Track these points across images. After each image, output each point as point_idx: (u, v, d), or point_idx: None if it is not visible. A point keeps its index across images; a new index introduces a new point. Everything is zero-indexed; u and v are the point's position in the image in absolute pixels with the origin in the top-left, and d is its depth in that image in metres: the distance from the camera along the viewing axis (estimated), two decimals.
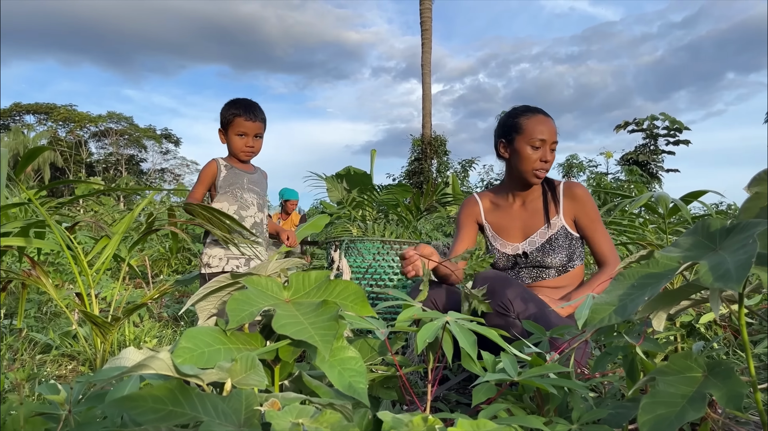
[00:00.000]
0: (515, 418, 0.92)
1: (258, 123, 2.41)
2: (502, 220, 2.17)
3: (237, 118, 2.38)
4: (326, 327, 0.81)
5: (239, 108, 2.39)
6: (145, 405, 0.62)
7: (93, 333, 1.54)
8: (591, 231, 2.06)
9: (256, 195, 2.45)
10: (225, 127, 2.43)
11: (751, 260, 0.75)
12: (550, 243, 2.04)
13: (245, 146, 2.41)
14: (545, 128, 2.05)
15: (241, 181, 2.42)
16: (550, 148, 2.06)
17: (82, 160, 35.46)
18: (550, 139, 2.05)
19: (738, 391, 0.76)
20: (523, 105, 2.13)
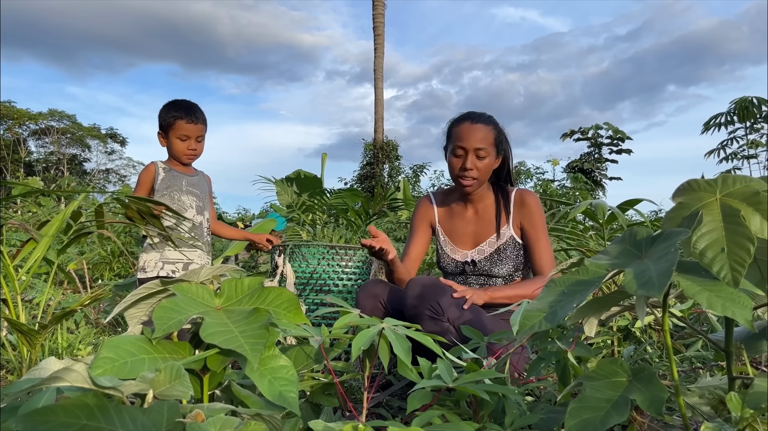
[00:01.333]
0: (448, 425, 0.92)
1: (200, 125, 2.36)
2: (454, 226, 2.16)
3: (178, 121, 2.32)
4: (256, 336, 0.79)
5: (180, 110, 2.33)
6: (57, 419, 0.59)
7: (19, 341, 1.47)
8: (533, 241, 2.04)
9: (195, 197, 2.40)
10: (165, 129, 2.37)
11: (672, 268, 0.78)
12: (498, 253, 2.05)
13: (187, 149, 2.36)
14: (467, 135, 2.00)
15: (179, 184, 2.37)
16: (476, 155, 1.99)
17: (20, 159, 33.97)
18: (471, 146, 1.98)
19: (659, 396, 0.79)
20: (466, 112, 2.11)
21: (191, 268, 2.31)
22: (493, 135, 2.02)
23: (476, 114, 2.07)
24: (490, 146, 2.00)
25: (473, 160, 1.99)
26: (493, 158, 2.03)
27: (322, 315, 2.23)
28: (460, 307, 1.77)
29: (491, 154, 2.00)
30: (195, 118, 2.34)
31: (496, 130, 2.04)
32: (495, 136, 2.02)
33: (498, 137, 2.03)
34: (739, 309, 0.77)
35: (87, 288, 3.98)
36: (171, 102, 2.40)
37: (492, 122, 2.05)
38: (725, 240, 0.84)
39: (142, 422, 0.63)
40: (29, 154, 35.56)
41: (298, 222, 6.38)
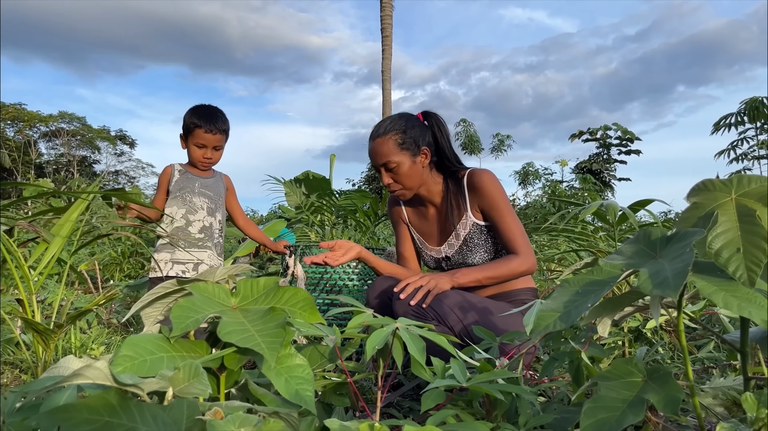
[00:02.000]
0: (462, 424, 0.93)
1: (218, 135, 2.39)
2: (422, 225, 2.15)
3: (197, 130, 2.35)
4: (273, 335, 0.80)
5: (201, 119, 2.35)
6: (80, 416, 0.60)
7: (34, 340, 1.48)
8: (496, 220, 1.94)
9: (207, 199, 2.43)
10: (185, 134, 2.41)
11: (687, 268, 0.78)
12: (466, 243, 2.01)
13: (203, 157, 2.40)
14: (371, 156, 2.00)
15: (192, 185, 2.41)
16: (387, 169, 1.97)
17: (31, 161, 34.24)
18: (378, 164, 1.98)
19: (675, 396, 0.79)
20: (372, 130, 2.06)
21: (201, 269, 2.35)
22: (393, 142, 1.95)
23: (377, 127, 2.01)
24: (396, 154, 1.94)
25: (387, 175, 1.98)
26: (408, 161, 1.96)
27: (333, 316, 2.24)
28: (464, 309, 1.77)
29: (401, 160, 1.95)
30: (214, 127, 2.37)
31: (397, 133, 1.96)
32: (397, 141, 1.95)
33: (403, 139, 1.95)
34: (755, 308, 0.77)
35: (99, 289, 4.01)
36: (195, 108, 2.42)
37: (391, 129, 1.97)
38: (741, 240, 0.84)
39: (163, 419, 0.64)
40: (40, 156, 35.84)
41: (307, 224, 6.39)
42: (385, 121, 2.00)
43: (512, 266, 1.87)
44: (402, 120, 1.99)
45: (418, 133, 1.97)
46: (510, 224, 1.92)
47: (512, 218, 1.94)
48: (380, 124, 2.00)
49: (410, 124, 1.98)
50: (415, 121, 2.00)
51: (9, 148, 32.72)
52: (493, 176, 1.97)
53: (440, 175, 2.06)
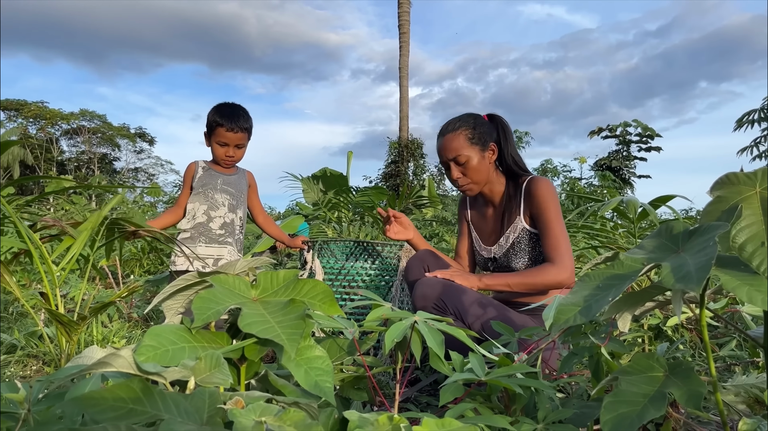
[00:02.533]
0: (481, 417, 0.93)
1: (239, 134, 2.41)
2: (480, 223, 2.20)
3: (219, 128, 2.37)
4: (293, 326, 0.81)
5: (223, 117, 2.38)
6: (105, 403, 0.61)
7: (58, 332, 1.51)
8: (541, 226, 1.96)
9: (228, 196, 2.46)
10: (209, 132, 2.43)
11: (711, 262, 0.77)
12: (513, 247, 2.04)
13: (225, 155, 2.42)
14: (440, 151, 2.05)
15: (214, 182, 2.44)
16: (457, 164, 2.01)
17: (53, 158, 34.76)
18: (447, 159, 2.03)
19: (697, 391, 0.78)
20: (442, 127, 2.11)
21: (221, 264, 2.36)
22: (464, 137, 2.00)
23: (446, 124, 2.07)
24: (466, 148, 1.99)
25: (456, 169, 2.02)
26: (477, 156, 2.01)
27: (351, 310, 2.25)
28: (483, 306, 1.78)
29: (471, 154, 1.99)
30: (236, 126, 2.39)
31: (467, 129, 2.01)
32: (467, 135, 2.01)
33: (472, 134, 2.01)
34: None
35: (119, 284, 4.06)
36: (218, 106, 2.45)
37: (461, 125, 2.02)
38: (766, 233, 0.83)
39: (185, 407, 0.65)
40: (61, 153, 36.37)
41: (325, 220, 6.41)
42: (455, 119, 2.06)
43: (545, 274, 1.87)
44: (471, 117, 2.05)
45: (486, 129, 2.03)
46: (555, 233, 1.93)
47: (559, 229, 1.95)
48: (450, 122, 2.06)
49: (479, 121, 2.04)
50: (483, 120, 2.06)
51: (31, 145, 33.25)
52: (549, 185, 2.00)
53: (503, 177, 2.10)
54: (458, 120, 2.05)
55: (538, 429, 0.97)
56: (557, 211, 1.97)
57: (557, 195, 2.02)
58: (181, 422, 0.62)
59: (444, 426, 0.76)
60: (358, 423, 0.77)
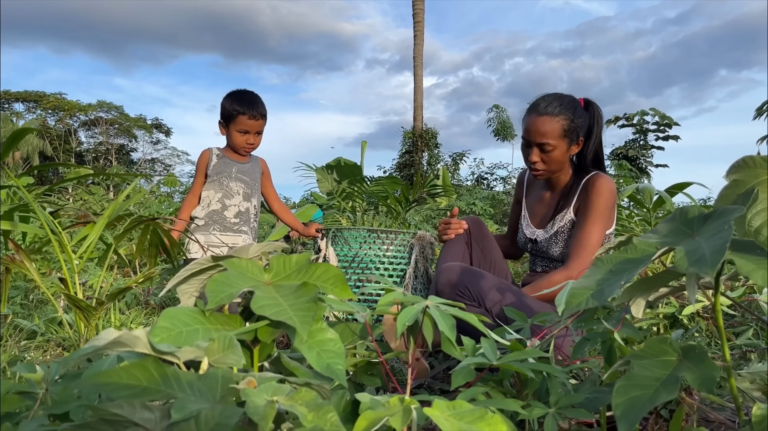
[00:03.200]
0: (492, 401, 0.93)
1: (260, 121, 2.41)
2: (533, 202, 2.19)
3: (240, 116, 2.37)
4: (305, 309, 0.81)
5: (242, 105, 2.37)
6: (120, 381, 0.62)
7: (77, 317, 1.54)
8: (578, 221, 1.95)
9: (243, 184, 2.46)
10: (226, 121, 2.42)
11: (725, 245, 0.76)
12: (556, 235, 2.04)
13: (246, 143, 2.42)
14: (530, 129, 1.93)
15: (229, 170, 2.44)
16: (541, 149, 1.92)
17: (71, 149, 35.16)
18: (534, 141, 1.93)
19: (710, 375, 0.77)
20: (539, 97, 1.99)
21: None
22: (560, 126, 1.90)
23: (546, 103, 1.93)
24: (557, 139, 1.90)
25: (537, 153, 1.94)
26: (564, 148, 1.93)
27: (365, 298, 2.26)
28: (502, 291, 1.77)
29: (559, 146, 1.92)
30: (257, 113, 2.39)
31: (566, 119, 1.91)
32: (564, 126, 1.90)
33: (569, 126, 1.91)
34: None
35: (136, 272, 4.11)
36: (235, 93, 2.43)
37: (562, 111, 1.91)
38: None
39: (198, 387, 0.65)
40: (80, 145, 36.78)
41: (339, 209, 6.43)
42: (556, 100, 1.93)
43: (552, 278, 1.84)
44: (573, 105, 1.93)
45: (582, 123, 1.94)
46: (587, 232, 1.88)
47: (594, 230, 1.88)
48: (550, 101, 1.93)
49: (579, 113, 1.94)
50: (581, 109, 1.96)
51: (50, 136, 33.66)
52: (607, 186, 1.92)
53: (571, 168, 2.06)
54: (559, 104, 1.92)
55: (550, 413, 0.97)
56: (602, 212, 1.90)
57: (615, 199, 1.93)
58: (194, 401, 0.63)
59: (455, 408, 0.76)
60: (369, 405, 0.78)
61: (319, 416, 0.63)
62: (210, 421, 0.55)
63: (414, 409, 0.75)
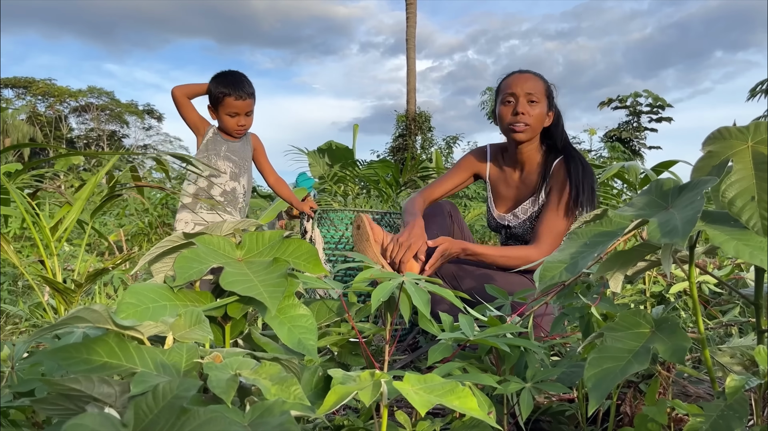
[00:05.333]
0: (467, 376, 0.93)
1: (248, 101, 2.38)
2: (500, 185, 2.15)
3: (227, 98, 2.34)
4: (275, 284, 0.80)
5: (228, 86, 2.34)
6: (79, 355, 0.61)
7: (56, 300, 1.52)
8: (546, 203, 1.95)
9: (231, 163, 2.44)
10: (214, 104, 2.40)
11: (696, 215, 0.75)
12: (530, 220, 2.03)
13: (237, 125, 2.39)
14: (516, 82, 1.97)
15: (218, 149, 2.42)
16: (527, 101, 1.95)
17: (62, 136, 34.88)
18: (521, 92, 1.95)
19: (681, 345, 0.77)
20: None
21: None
22: (543, 85, 1.99)
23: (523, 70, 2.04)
24: (541, 95, 1.97)
25: (524, 104, 1.95)
26: (545, 109, 1.98)
27: (349, 277, 2.26)
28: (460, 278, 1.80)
29: (542, 102, 1.97)
30: (243, 93, 2.35)
31: (546, 84, 2.01)
32: (545, 87, 2.00)
33: (548, 91, 2.00)
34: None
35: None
36: (219, 76, 2.41)
37: (543, 79, 2.02)
38: (756, 188, 0.81)
39: (161, 362, 0.65)
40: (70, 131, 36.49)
41: (330, 193, 6.41)
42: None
43: (525, 253, 1.86)
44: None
45: (553, 97, 2.04)
46: (552, 216, 1.90)
47: (559, 214, 1.91)
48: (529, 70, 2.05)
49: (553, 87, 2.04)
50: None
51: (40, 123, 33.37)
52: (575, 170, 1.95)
53: (542, 149, 2.07)
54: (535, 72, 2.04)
55: (527, 388, 0.97)
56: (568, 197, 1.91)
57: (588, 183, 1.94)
58: (156, 375, 0.62)
59: (425, 382, 0.76)
60: (341, 380, 0.77)
61: (283, 389, 0.63)
62: (167, 394, 0.55)
63: (384, 383, 0.74)
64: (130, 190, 1.68)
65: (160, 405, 0.55)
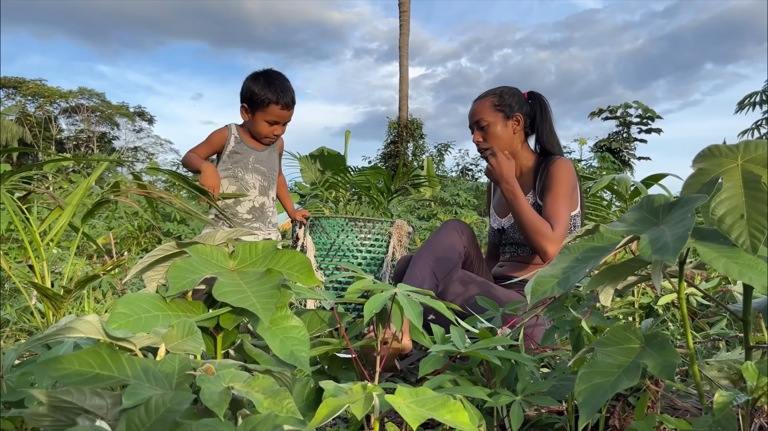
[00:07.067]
0: (458, 388, 0.93)
1: (291, 110, 2.19)
2: (498, 195, 2.21)
3: (273, 106, 2.13)
4: (268, 296, 0.80)
5: (276, 93, 2.12)
6: (71, 367, 0.61)
7: (45, 305, 1.51)
8: (545, 200, 1.95)
9: (260, 176, 2.23)
10: (254, 107, 2.16)
11: (687, 233, 0.76)
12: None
13: (272, 134, 2.19)
14: (470, 114, 2.07)
15: (246, 160, 2.20)
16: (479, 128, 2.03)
17: (51, 137, 34.61)
18: (471, 122, 2.06)
19: (671, 361, 0.78)
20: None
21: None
22: (488, 103, 2.03)
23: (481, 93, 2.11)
24: (489, 114, 2.02)
25: (478, 133, 2.04)
26: (500, 122, 2.02)
27: (341, 287, 2.25)
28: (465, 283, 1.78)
29: (494, 120, 2.02)
30: (291, 102, 2.16)
31: (493, 96, 2.04)
32: (492, 102, 2.03)
33: (498, 101, 2.03)
34: (756, 275, 0.76)
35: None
36: (265, 76, 2.18)
37: (491, 92, 2.06)
38: (745, 206, 0.82)
39: (154, 373, 0.64)
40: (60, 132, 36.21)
41: (322, 199, 6.40)
42: (491, 89, 2.11)
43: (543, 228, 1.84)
44: (501, 88, 2.09)
45: (515, 100, 2.05)
46: (557, 206, 1.90)
47: (562, 205, 1.91)
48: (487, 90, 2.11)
49: (509, 92, 2.07)
50: (516, 92, 2.09)
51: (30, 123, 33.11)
52: (567, 166, 1.98)
53: (533, 155, 2.11)
54: (490, 89, 2.09)
55: (517, 400, 0.97)
56: (567, 189, 1.94)
57: (575, 179, 1.99)
58: (148, 387, 0.62)
59: (417, 395, 0.76)
60: (332, 392, 0.78)
61: (276, 402, 0.63)
62: (160, 407, 0.54)
63: (376, 396, 0.74)
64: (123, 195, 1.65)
65: (152, 419, 0.54)
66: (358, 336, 1.54)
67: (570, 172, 1.97)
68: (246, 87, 2.17)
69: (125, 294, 2.40)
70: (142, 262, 0.95)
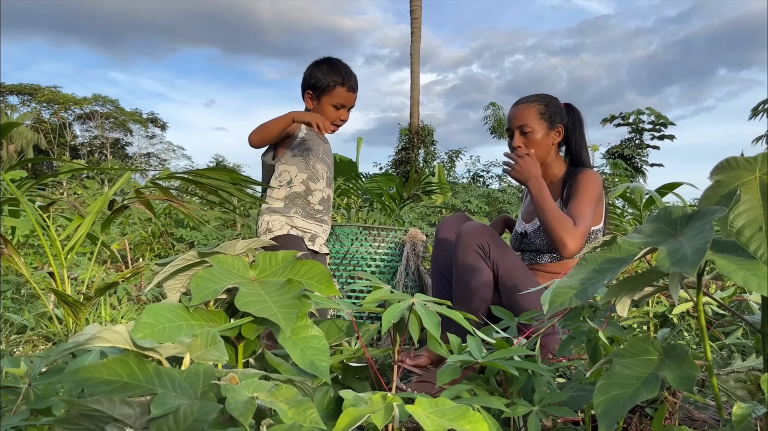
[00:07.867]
0: (476, 398, 0.93)
1: (356, 94, 2.17)
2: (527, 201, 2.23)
3: (339, 88, 2.10)
4: (289, 306, 0.81)
5: (341, 75, 2.11)
6: (100, 377, 0.62)
7: (65, 312, 1.53)
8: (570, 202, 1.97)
9: (327, 168, 2.19)
10: (319, 92, 2.13)
11: (706, 245, 0.76)
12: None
13: (339, 119, 2.15)
14: (511, 117, 2.08)
15: (316, 149, 2.16)
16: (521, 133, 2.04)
17: (66, 143, 35.00)
18: (514, 126, 2.06)
19: (690, 373, 0.78)
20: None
21: (317, 242, 2.13)
22: (536, 109, 2.04)
23: (521, 98, 2.11)
24: (535, 120, 2.03)
25: (519, 138, 2.04)
26: (544, 131, 2.04)
27: (355, 296, 2.26)
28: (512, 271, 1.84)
29: (537, 128, 2.03)
30: (356, 84, 2.15)
31: (540, 104, 2.05)
32: (539, 110, 2.04)
33: (545, 110, 2.04)
34: None
35: (129, 267, 4.10)
36: (329, 63, 2.16)
37: (538, 99, 2.07)
38: (764, 218, 0.82)
39: (179, 383, 0.66)
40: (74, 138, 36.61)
41: (334, 206, 6.43)
42: (532, 94, 2.12)
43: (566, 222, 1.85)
44: (548, 97, 2.10)
45: (558, 111, 2.08)
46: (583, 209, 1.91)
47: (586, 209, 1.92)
48: (527, 95, 2.12)
49: (554, 102, 2.09)
50: (559, 103, 2.11)
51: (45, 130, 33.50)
52: (595, 177, 2.01)
53: (564, 165, 2.14)
54: (535, 95, 2.10)
55: (534, 411, 0.97)
56: (592, 199, 1.96)
57: (601, 192, 2.01)
58: (174, 397, 0.63)
59: (437, 406, 0.77)
60: (352, 402, 0.78)
61: (299, 412, 0.64)
62: (189, 417, 0.56)
63: (396, 406, 0.75)
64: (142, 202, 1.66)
65: (181, 428, 0.56)
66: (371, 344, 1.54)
67: (597, 183, 1.99)
68: (309, 73, 2.16)
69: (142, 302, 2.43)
70: (164, 272, 0.96)
